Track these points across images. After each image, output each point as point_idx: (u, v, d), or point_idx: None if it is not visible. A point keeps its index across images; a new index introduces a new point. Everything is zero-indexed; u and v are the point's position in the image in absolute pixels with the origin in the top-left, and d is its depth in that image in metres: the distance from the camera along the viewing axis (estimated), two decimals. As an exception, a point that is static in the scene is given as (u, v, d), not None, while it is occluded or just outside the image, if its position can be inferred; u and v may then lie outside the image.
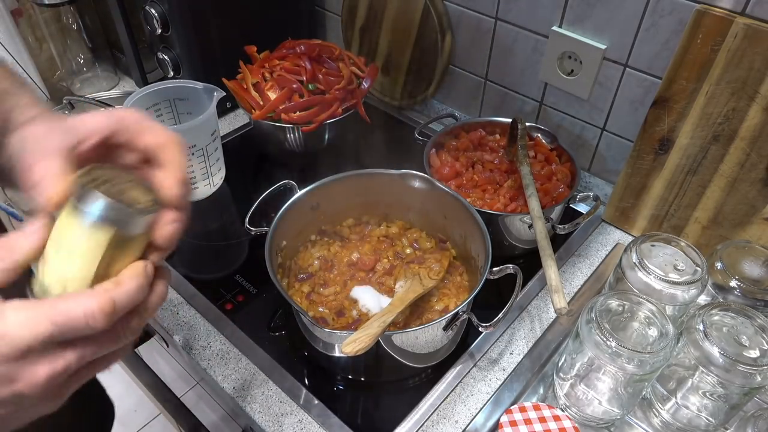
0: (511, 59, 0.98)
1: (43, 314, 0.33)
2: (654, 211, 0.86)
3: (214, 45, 1.05)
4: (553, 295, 0.65)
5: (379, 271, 0.77)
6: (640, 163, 0.84)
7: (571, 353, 0.65)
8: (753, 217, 0.77)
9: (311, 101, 0.92)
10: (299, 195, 0.75)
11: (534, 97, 0.99)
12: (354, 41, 1.17)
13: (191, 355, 0.74)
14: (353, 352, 0.56)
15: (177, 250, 0.43)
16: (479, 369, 0.73)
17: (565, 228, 0.82)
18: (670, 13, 0.77)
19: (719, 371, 0.58)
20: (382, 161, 0.79)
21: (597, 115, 0.92)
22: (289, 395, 0.69)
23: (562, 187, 0.87)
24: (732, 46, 0.70)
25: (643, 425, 0.68)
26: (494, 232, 0.73)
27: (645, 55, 0.82)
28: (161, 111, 0.91)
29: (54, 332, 0.33)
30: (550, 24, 0.89)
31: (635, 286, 0.67)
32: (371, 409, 0.69)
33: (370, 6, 1.10)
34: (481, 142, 0.96)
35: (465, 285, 0.77)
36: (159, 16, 0.98)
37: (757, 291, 0.67)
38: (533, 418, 0.60)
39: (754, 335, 0.60)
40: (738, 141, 0.74)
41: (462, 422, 0.67)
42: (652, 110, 0.80)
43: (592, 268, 0.86)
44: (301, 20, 1.18)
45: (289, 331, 0.76)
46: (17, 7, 1.11)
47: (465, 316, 0.67)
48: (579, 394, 0.66)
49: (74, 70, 1.22)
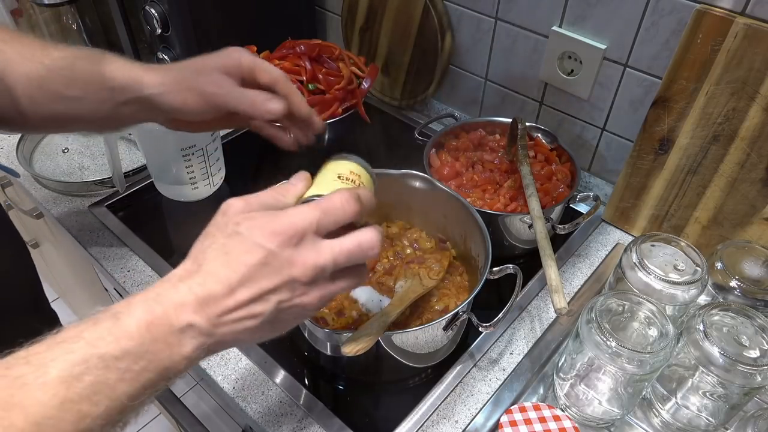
0: (511, 59, 0.98)
1: (312, 205, 0.41)
2: (654, 211, 0.86)
3: (214, 45, 1.04)
4: (553, 295, 0.65)
5: (379, 271, 0.77)
6: (640, 163, 0.84)
7: (571, 353, 0.65)
8: (753, 217, 0.77)
9: (311, 101, 0.92)
10: (299, 195, 0.74)
11: (534, 97, 0.99)
12: (354, 41, 1.17)
13: (191, 355, 0.74)
14: (353, 353, 0.56)
15: (177, 251, 0.44)
16: (479, 369, 0.73)
17: (565, 228, 0.82)
18: (670, 13, 0.77)
19: (719, 371, 0.58)
20: (382, 161, 0.78)
21: (597, 115, 0.92)
22: (289, 395, 0.69)
23: (562, 187, 0.87)
24: (732, 46, 0.70)
25: (643, 425, 0.68)
26: (494, 232, 0.73)
27: (645, 55, 0.82)
28: (161, 111, 0.91)
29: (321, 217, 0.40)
30: (550, 24, 0.89)
31: (635, 286, 0.67)
32: (371, 409, 0.69)
33: (370, 6, 1.10)
34: (481, 142, 0.96)
35: (465, 285, 0.77)
36: (159, 16, 0.98)
37: (757, 291, 0.67)
38: (533, 418, 0.60)
39: (754, 335, 0.60)
40: (738, 141, 0.74)
41: (462, 422, 0.67)
42: (652, 110, 0.80)
43: (592, 268, 0.86)
44: (301, 20, 1.18)
45: (289, 331, 0.76)
46: (17, 7, 1.11)
47: (465, 316, 0.67)
48: (579, 394, 0.66)
49: (74, 70, 1.22)
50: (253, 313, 0.39)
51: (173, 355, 0.37)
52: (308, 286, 0.40)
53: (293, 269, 0.39)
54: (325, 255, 0.40)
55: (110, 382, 0.35)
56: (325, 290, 0.42)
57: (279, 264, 0.39)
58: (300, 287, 0.40)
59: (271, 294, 0.39)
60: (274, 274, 0.39)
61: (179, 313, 0.37)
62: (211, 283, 0.38)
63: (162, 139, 0.85)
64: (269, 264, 0.39)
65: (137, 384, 0.36)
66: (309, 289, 0.41)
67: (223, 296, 0.38)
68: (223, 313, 0.38)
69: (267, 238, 0.39)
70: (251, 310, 0.39)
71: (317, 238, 0.41)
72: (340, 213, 0.41)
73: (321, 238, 0.41)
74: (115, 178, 0.90)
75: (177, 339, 0.37)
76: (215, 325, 0.38)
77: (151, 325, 0.37)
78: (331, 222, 0.41)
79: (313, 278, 0.40)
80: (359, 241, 0.41)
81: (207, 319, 0.38)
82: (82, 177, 1.00)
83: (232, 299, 0.38)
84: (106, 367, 0.35)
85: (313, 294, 0.41)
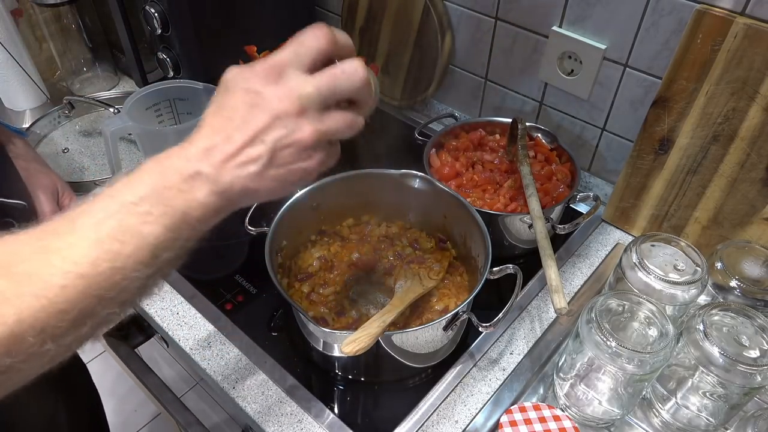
0: (511, 59, 0.98)
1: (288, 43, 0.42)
2: (654, 211, 0.86)
3: (214, 45, 1.05)
4: (553, 295, 0.65)
5: (379, 271, 0.77)
6: (640, 163, 0.84)
7: (571, 353, 0.65)
8: (753, 217, 0.77)
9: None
10: (299, 195, 0.74)
11: (534, 97, 0.99)
12: (354, 41, 1.17)
13: (191, 355, 0.74)
14: (353, 352, 0.56)
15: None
16: (479, 369, 0.73)
17: (565, 228, 0.82)
18: (670, 13, 0.77)
19: (719, 371, 0.58)
20: (382, 161, 0.79)
21: (597, 115, 0.92)
22: (289, 395, 0.69)
23: (562, 187, 0.87)
24: (732, 46, 0.70)
25: (643, 425, 0.68)
26: (494, 232, 0.73)
27: (645, 55, 0.82)
28: (161, 111, 0.91)
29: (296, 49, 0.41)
30: (550, 24, 0.89)
31: (635, 286, 0.67)
32: (371, 409, 0.69)
33: (370, 6, 1.10)
34: (481, 142, 0.96)
35: (465, 285, 0.77)
36: (159, 16, 0.98)
37: (757, 291, 0.67)
38: (533, 418, 0.60)
39: (754, 335, 0.60)
40: (738, 141, 0.74)
41: (462, 422, 0.67)
42: (652, 110, 0.80)
43: (592, 268, 0.86)
44: (301, 20, 1.18)
45: (289, 331, 0.76)
46: (17, 7, 1.11)
47: (465, 316, 0.67)
48: (579, 394, 0.66)
49: (74, 70, 1.22)
50: (252, 156, 0.40)
51: (189, 201, 0.40)
52: (299, 118, 0.41)
53: (280, 104, 0.40)
54: (308, 83, 0.41)
55: (133, 223, 0.38)
56: (318, 123, 0.42)
57: (266, 102, 0.40)
58: (291, 121, 0.41)
59: (264, 134, 0.40)
60: (262, 113, 0.40)
61: (186, 163, 0.40)
62: (211, 135, 0.41)
63: (162, 139, 0.85)
64: (257, 104, 0.40)
65: (160, 226, 0.39)
66: (301, 122, 0.41)
67: (222, 143, 0.40)
68: (225, 159, 0.40)
69: (249, 81, 0.41)
70: (250, 153, 0.40)
71: (299, 72, 0.41)
72: (314, 42, 0.42)
73: (303, 71, 0.42)
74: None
75: (188, 186, 0.40)
76: (220, 172, 0.40)
77: (162, 175, 0.40)
78: (307, 51, 0.42)
79: (301, 109, 0.41)
80: (342, 68, 0.42)
81: (211, 165, 0.40)
82: (82, 177, 1.00)
83: (230, 145, 0.40)
84: (127, 212, 0.38)
85: (306, 128, 0.41)
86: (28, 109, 1.15)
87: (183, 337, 0.75)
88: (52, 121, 1.13)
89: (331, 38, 0.42)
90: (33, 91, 1.15)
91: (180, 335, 0.76)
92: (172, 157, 0.41)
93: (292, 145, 0.41)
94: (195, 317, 0.78)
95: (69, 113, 1.14)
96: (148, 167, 0.40)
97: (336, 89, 0.42)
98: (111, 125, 0.82)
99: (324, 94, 0.41)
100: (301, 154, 0.42)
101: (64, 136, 1.11)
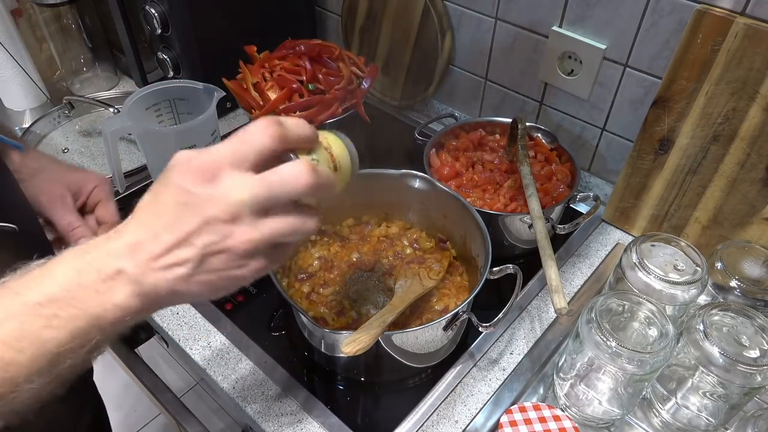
0: (511, 59, 0.98)
1: (228, 139, 0.39)
2: (654, 211, 0.86)
3: (214, 45, 1.05)
4: (553, 295, 0.65)
5: (379, 271, 0.77)
6: (640, 163, 0.84)
7: (571, 353, 0.65)
8: (753, 217, 0.77)
9: (311, 101, 0.92)
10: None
11: (534, 97, 0.99)
12: (354, 41, 1.17)
13: (191, 355, 0.74)
14: (353, 352, 0.56)
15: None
16: (479, 369, 0.73)
17: (565, 228, 0.82)
18: (670, 13, 0.77)
19: (719, 371, 0.58)
20: (382, 161, 0.78)
21: (597, 115, 0.92)
22: (289, 395, 0.69)
23: (562, 187, 0.87)
24: (732, 46, 0.70)
25: (643, 425, 0.68)
26: (494, 232, 0.73)
27: (645, 55, 0.82)
28: (161, 111, 0.91)
29: (236, 147, 0.38)
30: (550, 24, 0.89)
31: (635, 286, 0.67)
32: (371, 409, 0.69)
33: (370, 6, 1.10)
34: (481, 142, 0.96)
35: (465, 285, 0.77)
36: (159, 16, 0.98)
37: (757, 291, 0.67)
38: (533, 418, 0.60)
39: (754, 335, 0.60)
40: (738, 141, 0.74)
41: (462, 422, 0.67)
42: (652, 110, 0.80)
43: (592, 268, 0.86)
44: (301, 20, 1.18)
45: (289, 331, 0.76)
46: (17, 7, 1.11)
47: (465, 316, 0.67)
48: (579, 394, 0.66)
49: (74, 70, 1.22)
50: (180, 259, 0.37)
51: (104, 303, 0.36)
52: (231, 226, 0.37)
53: (211, 208, 0.37)
54: (243, 188, 0.37)
55: (34, 328, 0.35)
56: (253, 231, 0.38)
57: (197, 203, 0.37)
58: (222, 227, 0.37)
59: (194, 237, 0.37)
60: (193, 215, 0.37)
61: (108, 259, 0.37)
62: (139, 231, 0.38)
63: (162, 139, 0.85)
64: (188, 204, 0.37)
65: (65, 332, 0.35)
66: (233, 230, 0.37)
67: (149, 241, 0.37)
68: (151, 258, 0.37)
69: (184, 178, 0.37)
70: (178, 255, 0.37)
71: (236, 172, 0.37)
72: (257, 139, 0.38)
73: (243, 172, 0.38)
74: (115, 178, 0.90)
75: (107, 286, 0.36)
76: (144, 272, 0.37)
77: (79, 271, 0.36)
78: (248, 150, 0.38)
79: (233, 215, 0.37)
80: (281, 175, 0.38)
81: (136, 264, 0.37)
82: (82, 177, 1.00)
83: (157, 244, 0.37)
84: (30, 313, 0.35)
85: (238, 236, 0.37)
86: (28, 109, 1.15)
87: (183, 337, 0.75)
88: (52, 121, 1.13)
89: (279, 135, 0.39)
90: (33, 91, 1.15)
91: (180, 335, 0.76)
92: (93, 250, 0.37)
93: (223, 252, 0.38)
94: (195, 317, 0.78)
95: (69, 113, 1.14)
96: (66, 258, 0.37)
97: (274, 196, 0.38)
98: (111, 125, 0.82)
99: (260, 202, 0.37)
100: (234, 261, 0.38)
101: (64, 136, 1.11)
